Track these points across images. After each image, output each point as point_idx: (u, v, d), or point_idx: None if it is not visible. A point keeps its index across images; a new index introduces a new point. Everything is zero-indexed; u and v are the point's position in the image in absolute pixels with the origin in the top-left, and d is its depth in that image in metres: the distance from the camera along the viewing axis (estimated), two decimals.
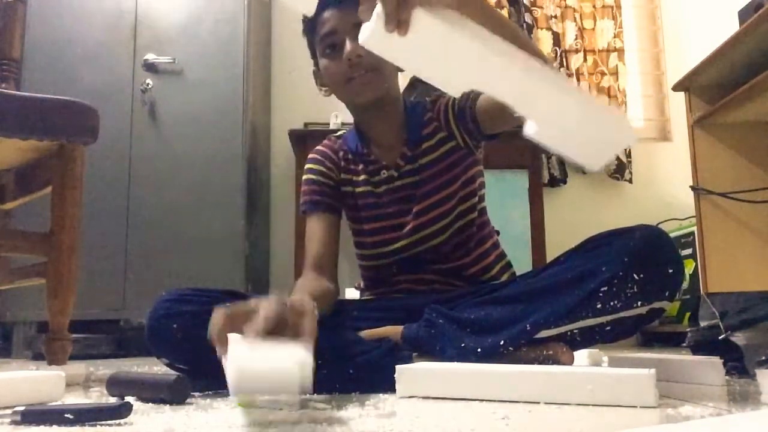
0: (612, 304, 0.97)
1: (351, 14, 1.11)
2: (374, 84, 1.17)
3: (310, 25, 1.20)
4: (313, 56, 1.24)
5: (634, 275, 0.95)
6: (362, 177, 1.27)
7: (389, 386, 0.92)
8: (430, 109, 1.27)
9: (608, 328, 1.00)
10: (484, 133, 1.21)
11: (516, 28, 0.94)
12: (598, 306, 0.98)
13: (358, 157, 1.28)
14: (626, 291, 0.96)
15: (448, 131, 1.24)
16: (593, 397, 0.78)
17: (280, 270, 2.92)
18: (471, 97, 1.19)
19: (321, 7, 1.17)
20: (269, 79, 3.10)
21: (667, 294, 0.97)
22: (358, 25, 1.12)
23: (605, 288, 0.96)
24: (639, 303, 0.96)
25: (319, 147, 1.34)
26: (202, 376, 1.02)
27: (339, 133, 1.35)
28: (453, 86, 0.77)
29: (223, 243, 2.48)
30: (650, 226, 1.02)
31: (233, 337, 0.76)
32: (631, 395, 0.77)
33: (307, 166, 1.32)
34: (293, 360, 0.65)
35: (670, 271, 0.96)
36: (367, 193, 1.26)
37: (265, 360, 0.64)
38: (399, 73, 1.24)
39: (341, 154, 1.30)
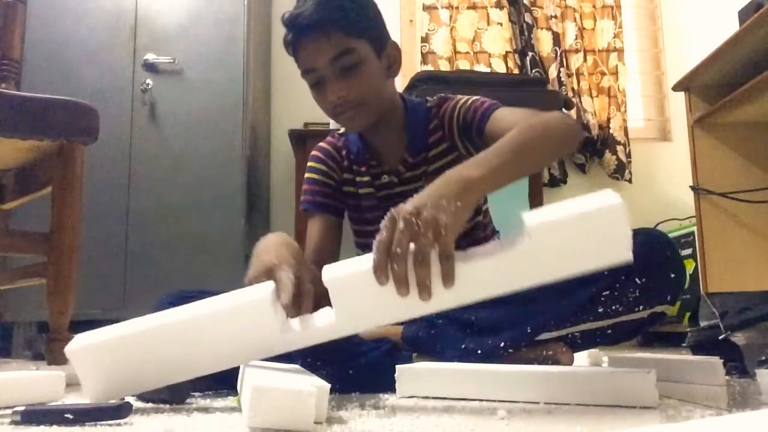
0: (613, 308, 0.97)
1: (325, 48, 1.09)
2: (363, 115, 1.14)
3: (291, 51, 1.15)
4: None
5: (636, 279, 0.94)
6: (365, 179, 1.25)
7: (389, 386, 0.92)
8: (435, 114, 1.23)
9: (609, 331, 0.99)
10: (487, 146, 1.18)
11: (513, 150, 0.89)
12: (600, 310, 0.97)
13: (360, 159, 1.27)
14: (628, 295, 0.96)
15: (452, 142, 1.21)
16: (593, 397, 0.78)
17: None
18: (479, 116, 1.14)
19: (294, 38, 1.12)
20: (269, 79, 3.10)
21: (668, 298, 0.97)
22: (334, 60, 1.11)
23: (607, 292, 0.96)
24: (640, 307, 0.96)
25: (321, 144, 1.32)
26: (202, 376, 1.02)
27: (342, 130, 1.33)
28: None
29: (223, 243, 2.48)
30: (652, 230, 1.02)
31: (250, 366, 0.79)
32: (631, 395, 0.77)
33: (309, 164, 1.30)
34: (310, 387, 0.64)
35: (672, 275, 0.96)
36: (370, 196, 1.26)
37: (281, 387, 0.64)
38: (395, 78, 1.21)
39: (344, 153, 1.28)
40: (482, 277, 0.74)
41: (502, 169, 0.85)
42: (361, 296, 0.74)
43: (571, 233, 0.72)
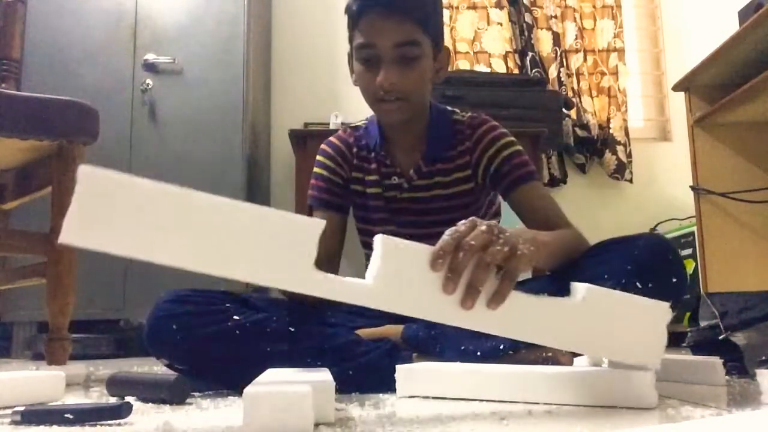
0: None
1: (393, 30, 1.08)
2: (403, 111, 1.14)
3: (353, 18, 1.12)
4: (350, 42, 1.16)
5: (637, 284, 0.94)
6: (374, 177, 1.25)
7: (389, 386, 0.92)
8: (468, 136, 1.21)
9: None
10: (510, 204, 1.20)
11: (562, 246, 1.01)
12: None
13: (373, 155, 1.25)
14: None
15: (474, 171, 1.21)
16: (593, 398, 0.78)
17: None
18: (514, 177, 1.16)
19: (364, 7, 1.09)
20: (269, 79, 3.10)
21: (670, 302, 0.97)
22: (398, 46, 1.10)
23: None
24: None
25: (332, 139, 1.30)
26: (202, 376, 1.03)
27: (356, 124, 1.31)
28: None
29: None
30: (654, 234, 1.02)
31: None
32: (630, 395, 0.76)
33: (318, 158, 1.29)
34: (305, 387, 0.62)
35: (674, 280, 0.96)
36: (377, 196, 1.25)
37: (275, 389, 0.62)
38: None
39: (355, 150, 1.27)
40: (525, 316, 0.73)
41: (552, 256, 0.97)
42: (406, 270, 0.70)
43: (619, 311, 0.76)
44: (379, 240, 0.70)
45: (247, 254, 0.68)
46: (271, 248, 0.68)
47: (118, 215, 0.66)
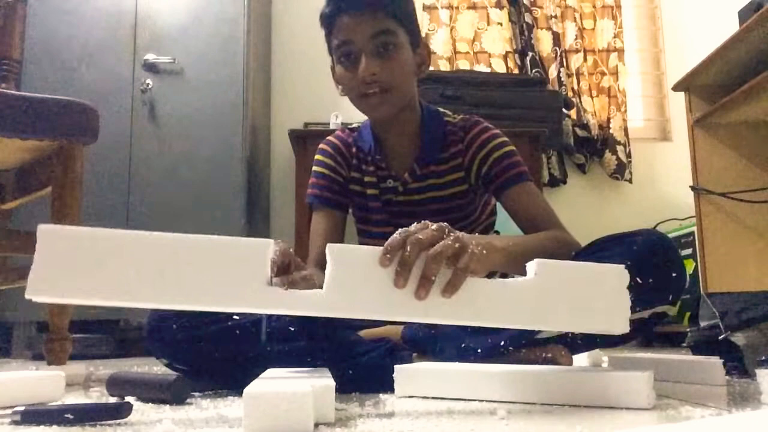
0: None
1: (368, 24, 1.10)
2: (388, 103, 1.14)
3: (327, 24, 1.15)
4: (330, 53, 1.19)
5: (637, 279, 0.94)
6: (372, 179, 1.25)
7: (389, 386, 0.92)
8: (461, 138, 1.22)
9: None
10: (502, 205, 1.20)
11: (533, 251, 0.96)
12: None
13: (369, 158, 1.26)
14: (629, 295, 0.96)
15: (467, 174, 1.21)
16: (590, 399, 0.78)
17: None
18: (503, 179, 1.17)
19: (337, 10, 1.12)
20: (269, 79, 3.10)
21: (670, 298, 0.97)
22: (374, 36, 1.11)
23: None
24: (642, 307, 0.96)
25: (330, 138, 1.31)
26: (202, 376, 1.03)
27: (353, 125, 1.32)
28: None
29: None
30: (652, 231, 1.02)
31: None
32: (627, 397, 0.76)
33: (317, 156, 1.29)
34: (305, 387, 0.62)
35: (673, 275, 0.96)
36: (375, 198, 1.25)
37: (274, 390, 0.62)
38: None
39: (354, 150, 1.27)
40: (480, 301, 0.74)
41: (516, 259, 0.92)
42: (358, 274, 0.71)
43: (575, 281, 0.76)
44: (328, 249, 0.72)
45: (204, 283, 0.70)
46: (225, 274, 0.70)
47: (77, 266, 0.68)
